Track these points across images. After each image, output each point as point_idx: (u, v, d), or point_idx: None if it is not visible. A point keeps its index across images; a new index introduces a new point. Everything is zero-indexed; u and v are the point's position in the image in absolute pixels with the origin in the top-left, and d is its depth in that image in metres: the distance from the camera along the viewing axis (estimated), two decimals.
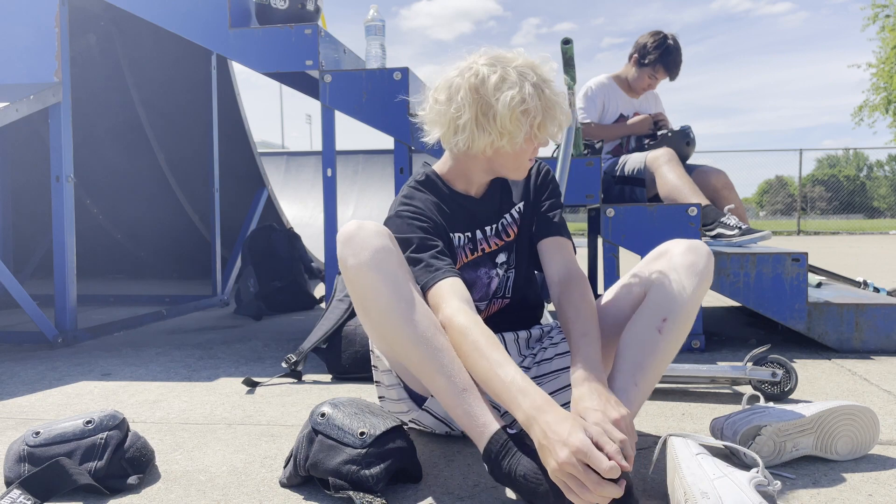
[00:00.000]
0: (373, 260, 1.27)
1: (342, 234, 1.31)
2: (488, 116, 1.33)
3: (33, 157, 4.41)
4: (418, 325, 1.24)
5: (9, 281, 2.69)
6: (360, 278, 1.28)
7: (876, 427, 1.40)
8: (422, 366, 1.25)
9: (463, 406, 1.20)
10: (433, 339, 1.24)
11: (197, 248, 5.13)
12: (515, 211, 1.54)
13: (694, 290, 1.33)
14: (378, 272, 1.26)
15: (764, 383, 1.86)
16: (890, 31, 19.93)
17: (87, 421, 1.33)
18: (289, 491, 1.29)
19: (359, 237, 1.29)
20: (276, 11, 2.68)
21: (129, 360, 2.53)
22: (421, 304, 1.27)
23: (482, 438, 1.17)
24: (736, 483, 1.07)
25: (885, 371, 2.19)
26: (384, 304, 1.26)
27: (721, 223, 2.79)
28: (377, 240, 1.29)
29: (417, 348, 1.24)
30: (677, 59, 3.22)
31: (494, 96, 1.32)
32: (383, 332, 1.29)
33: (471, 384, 1.22)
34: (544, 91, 1.34)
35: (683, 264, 1.35)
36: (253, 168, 4.87)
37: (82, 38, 4.33)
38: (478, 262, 1.50)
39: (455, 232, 1.47)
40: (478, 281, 1.50)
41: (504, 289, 1.53)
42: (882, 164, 44.06)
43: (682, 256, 1.36)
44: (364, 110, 2.55)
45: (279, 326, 3.33)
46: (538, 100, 1.33)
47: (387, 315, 1.26)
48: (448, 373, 1.22)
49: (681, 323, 1.32)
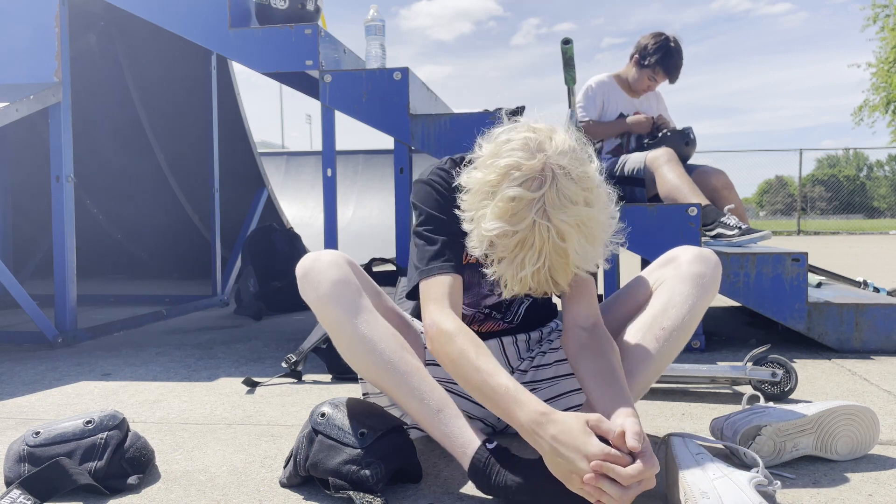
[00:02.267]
0: (331, 293, 1.26)
1: (300, 269, 1.31)
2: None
3: (33, 157, 4.41)
4: (384, 353, 1.24)
5: (9, 281, 2.69)
6: (320, 312, 1.28)
7: (876, 427, 1.40)
8: (393, 392, 1.25)
9: (440, 427, 1.20)
10: (400, 363, 1.24)
11: (197, 248, 5.13)
12: None
13: (697, 301, 1.30)
14: (337, 305, 1.26)
15: (764, 383, 1.86)
16: (890, 31, 19.93)
17: (87, 421, 1.33)
18: (289, 491, 1.29)
19: (315, 270, 1.28)
20: (276, 11, 2.68)
21: (129, 360, 2.53)
22: (384, 329, 1.27)
23: (465, 457, 1.17)
24: (736, 483, 1.07)
25: (885, 371, 2.19)
26: (348, 336, 1.26)
27: (721, 223, 2.79)
28: (333, 271, 1.28)
29: (387, 374, 1.24)
30: (678, 61, 3.22)
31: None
32: (352, 361, 1.30)
33: (445, 403, 1.21)
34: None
35: (690, 274, 1.32)
36: (253, 168, 4.87)
37: (82, 38, 4.33)
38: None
39: None
40: (475, 287, 1.45)
41: (512, 314, 1.50)
42: (882, 164, 44.06)
43: (690, 266, 1.33)
44: (364, 110, 2.55)
45: (279, 326, 3.33)
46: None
47: (351, 346, 1.27)
48: (419, 396, 1.22)
49: (679, 333, 1.29)
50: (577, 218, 1.10)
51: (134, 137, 4.84)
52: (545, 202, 1.10)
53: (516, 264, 1.13)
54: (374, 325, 1.27)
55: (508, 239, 1.12)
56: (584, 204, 1.11)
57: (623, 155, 3.22)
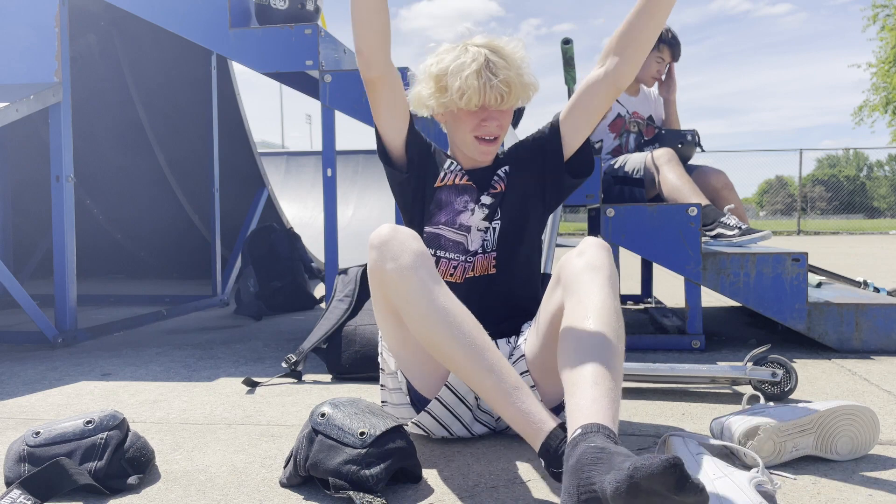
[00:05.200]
0: (413, 264, 1.28)
1: (377, 238, 1.32)
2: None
3: (33, 157, 4.41)
4: (462, 326, 1.26)
5: (9, 281, 2.69)
6: (401, 282, 1.29)
7: (876, 427, 1.40)
8: (467, 366, 1.25)
9: (516, 404, 1.20)
10: (477, 338, 1.26)
11: (197, 248, 5.13)
12: (502, 171, 1.62)
13: (603, 283, 1.28)
14: (419, 276, 1.28)
15: (764, 383, 1.86)
16: (889, 30, 19.92)
17: (88, 421, 1.33)
18: (289, 491, 1.29)
19: (396, 240, 1.31)
20: (276, 11, 2.68)
21: (129, 360, 2.53)
22: (460, 306, 1.29)
23: (539, 435, 1.17)
24: (736, 483, 1.07)
25: (885, 371, 2.19)
26: (426, 307, 1.27)
27: (721, 223, 2.79)
28: (415, 243, 1.31)
29: (464, 347, 1.24)
30: (677, 38, 3.23)
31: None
32: (426, 331, 1.29)
33: (521, 381, 1.23)
34: (465, 56, 1.50)
35: (581, 267, 1.30)
36: (253, 168, 4.87)
37: (82, 38, 4.33)
38: (464, 188, 1.59)
39: (450, 160, 1.62)
40: (450, 206, 1.57)
41: (491, 241, 1.57)
42: (882, 164, 44.03)
43: (578, 261, 1.32)
44: (364, 110, 2.55)
45: (279, 326, 3.33)
46: (456, 63, 1.49)
47: (429, 318, 1.27)
48: (497, 371, 1.23)
49: (606, 315, 1.22)
50: (495, 44, 1.52)
51: (134, 137, 4.84)
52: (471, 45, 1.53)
53: (461, 73, 1.47)
54: (452, 298, 1.29)
55: (451, 59, 1.50)
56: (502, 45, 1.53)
57: (623, 155, 3.22)
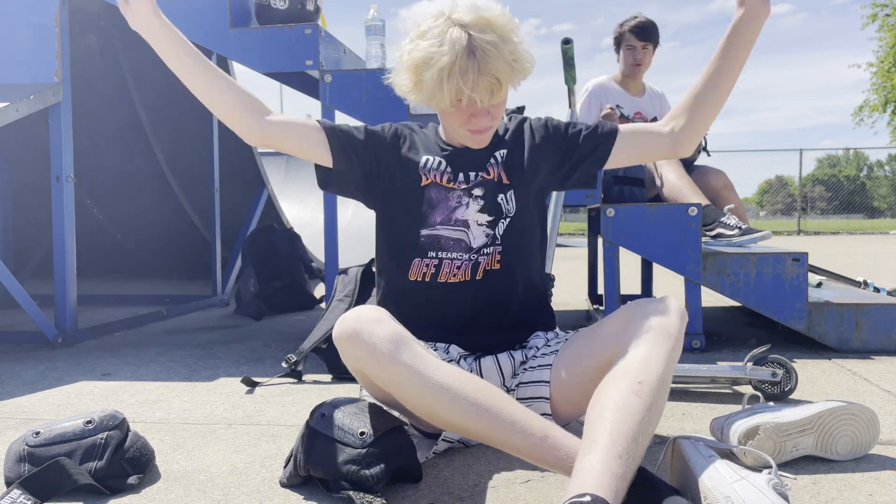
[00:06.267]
0: (393, 353, 1.19)
1: (344, 335, 1.22)
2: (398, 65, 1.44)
3: (33, 157, 4.41)
4: (467, 396, 1.16)
5: (9, 281, 2.69)
6: (386, 375, 1.20)
7: (876, 427, 1.40)
8: (490, 434, 1.16)
9: (553, 453, 1.12)
10: (486, 401, 1.16)
11: (197, 249, 5.12)
12: (499, 154, 1.50)
13: (668, 354, 1.19)
14: (403, 362, 1.18)
15: (764, 383, 1.86)
16: (889, 30, 19.92)
17: (88, 421, 1.33)
18: (289, 491, 1.29)
19: (365, 332, 1.21)
20: (276, 11, 2.68)
21: (129, 360, 2.53)
22: (456, 372, 1.20)
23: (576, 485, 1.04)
24: (755, 485, 1.07)
25: (885, 371, 2.19)
26: (422, 390, 1.18)
27: (721, 223, 2.79)
28: (383, 328, 1.22)
29: (478, 418, 1.16)
30: (642, 21, 3.25)
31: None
32: (433, 416, 1.22)
33: (546, 425, 1.15)
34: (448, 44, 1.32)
35: (654, 327, 1.22)
36: (253, 168, 4.87)
37: (82, 38, 4.33)
38: (452, 188, 1.47)
39: (428, 155, 1.49)
40: (443, 203, 1.45)
41: (493, 235, 1.45)
42: (882, 164, 44.09)
43: (654, 319, 1.23)
44: (364, 110, 2.55)
45: (279, 326, 3.33)
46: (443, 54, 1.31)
47: (435, 399, 1.18)
48: (521, 428, 1.14)
49: (657, 388, 1.14)
50: (484, 18, 1.33)
51: (134, 137, 4.84)
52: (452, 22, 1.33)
53: (437, 66, 1.31)
54: (444, 369, 1.19)
55: (426, 47, 1.33)
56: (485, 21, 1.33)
57: None
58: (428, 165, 1.48)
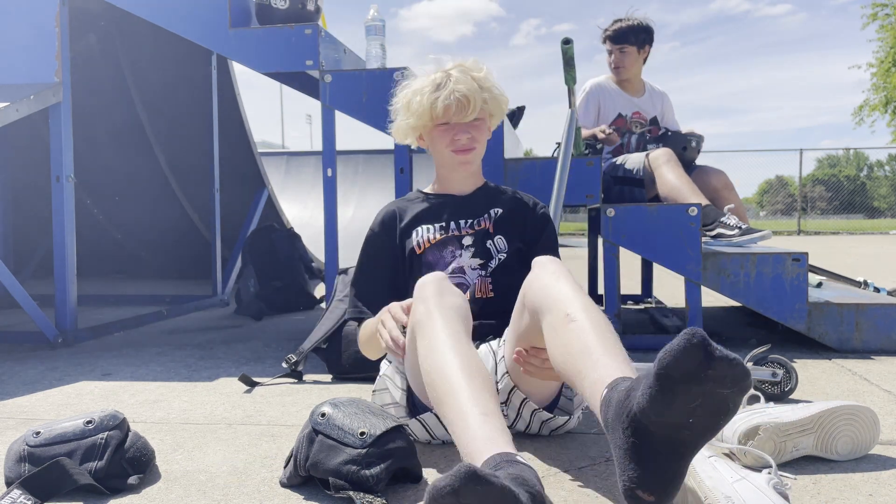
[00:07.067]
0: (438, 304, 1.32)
1: (439, 276, 1.40)
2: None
3: (33, 157, 4.41)
4: (468, 364, 1.21)
5: (9, 281, 2.69)
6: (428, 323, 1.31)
7: (876, 427, 1.40)
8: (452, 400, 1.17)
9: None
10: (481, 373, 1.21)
11: (197, 248, 5.13)
12: (493, 212, 1.71)
13: (565, 281, 1.28)
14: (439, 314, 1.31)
15: (764, 383, 1.86)
16: (889, 29, 19.91)
17: (88, 421, 1.33)
18: (289, 491, 1.29)
19: (447, 288, 1.37)
20: (276, 11, 2.68)
21: (129, 360, 2.53)
22: (470, 352, 1.25)
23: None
24: (755, 485, 1.07)
25: (885, 371, 2.19)
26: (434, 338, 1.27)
27: (721, 223, 2.79)
28: (459, 297, 1.38)
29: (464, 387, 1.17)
30: (616, 27, 3.29)
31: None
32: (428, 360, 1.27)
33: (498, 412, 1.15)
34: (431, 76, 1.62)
35: (545, 275, 1.32)
36: (253, 168, 4.87)
37: (82, 38, 4.33)
38: (445, 241, 1.66)
39: (423, 224, 1.68)
40: (440, 262, 1.64)
41: (483, 281, 1.62)
42: (882, 164, 44.07)
43: (539, 269, 1.35)
44: (364, 110, 2.55)
45: (279, 326, 3.33)
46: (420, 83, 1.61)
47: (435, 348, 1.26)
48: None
49: (581, 309, 1.21)
50: (464, 65, 1.65)
51: (134, 137, 4.84)
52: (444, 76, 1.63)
53: (423, 90, 1.61)
54: (462, 344, 1.27)
55: (417, 84, 1.64)
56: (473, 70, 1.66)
57: (623, 155, 3.22)
58: (420, 237, 1.68)
